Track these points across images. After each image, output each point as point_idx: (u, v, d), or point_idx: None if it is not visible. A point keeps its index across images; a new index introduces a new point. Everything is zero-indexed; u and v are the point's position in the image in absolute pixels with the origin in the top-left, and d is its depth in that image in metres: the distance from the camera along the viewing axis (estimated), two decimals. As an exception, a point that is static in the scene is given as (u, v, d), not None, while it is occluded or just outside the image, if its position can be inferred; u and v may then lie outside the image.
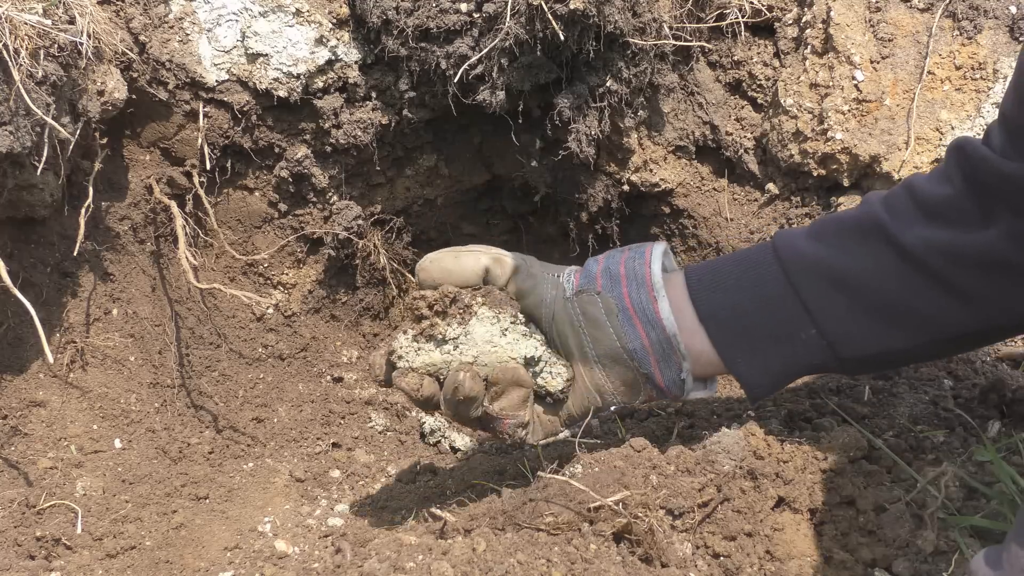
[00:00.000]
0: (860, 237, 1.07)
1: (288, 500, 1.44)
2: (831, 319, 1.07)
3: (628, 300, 1.11)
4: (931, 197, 1.06)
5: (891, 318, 1.06)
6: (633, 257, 1.15)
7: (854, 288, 1.06)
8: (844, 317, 1.07)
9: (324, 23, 1.55)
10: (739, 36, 1.69)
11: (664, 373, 1.11)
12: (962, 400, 1.32)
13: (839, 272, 1.07)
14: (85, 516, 1.31)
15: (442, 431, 1.64)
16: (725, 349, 1.10)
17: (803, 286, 1.08)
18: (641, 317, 1.11)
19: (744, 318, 1.10)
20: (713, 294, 1.11)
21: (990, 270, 1.02)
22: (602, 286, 1.12)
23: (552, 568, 0.95)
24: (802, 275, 1.08)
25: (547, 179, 1.77)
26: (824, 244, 1.09)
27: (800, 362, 1.10)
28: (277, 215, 1.70)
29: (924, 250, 1.03)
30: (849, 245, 1.08)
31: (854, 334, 1.07)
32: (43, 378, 1.45)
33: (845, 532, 1.03)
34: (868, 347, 1.07)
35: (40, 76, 1.28)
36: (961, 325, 1.05)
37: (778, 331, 1.09)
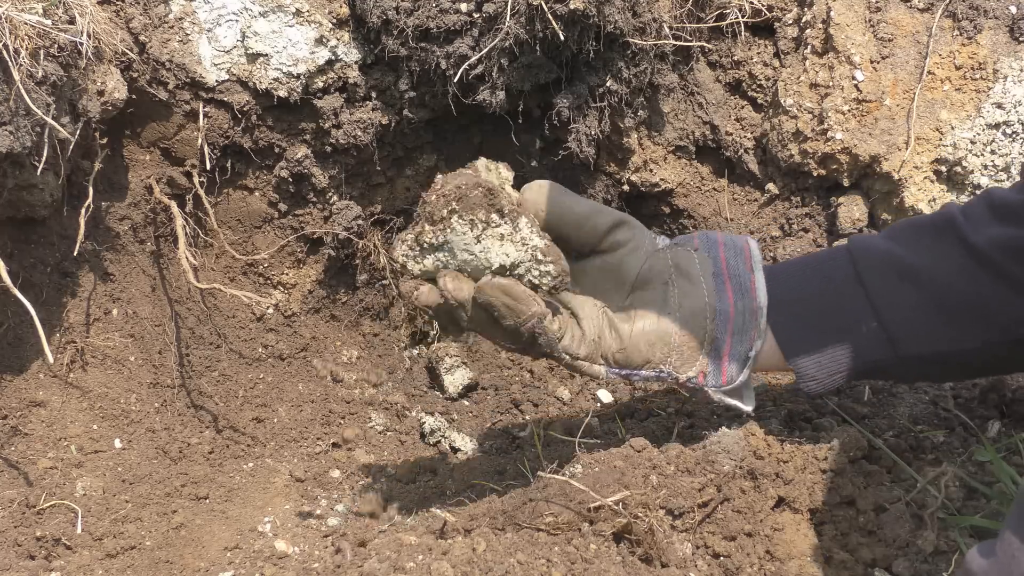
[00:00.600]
0: (933, 235, 1.08)
1: (288, 500, 1.44)
2: (895, 312, 1.06)
3: (725, 264, 1.11)
4: (1008, 201, 1.06)
5: (957, 315, 1.05)
6: (730, 236, 1.16)
7: (920, 283, 1.06)
8: (908, 312, 1.06)
9: (324, 23, 1.55)
10: (739, 36, 1.69)
11: (734, 346, 1.09)
12: (962, 400, 1.32)
13: (906, 266, 1.07)
14: (85, 516, 1.31)
15: (442, 431, 1.64)
16: (784, 336, 1.10)
17: (869, 278, 1.07)
18: (734, 283, 1.10)
19: (806, 305, 1.09)
20: (778, 283, 1.11)
21: None
22: (699, 244, 1.13)
23: (552, 568, 0.95)
24: (869, 267, 1.08)
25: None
26: (895, 241, 1.10)
27: (859, 357, 1.08)
28: (277, 215, 1.70)
29: (991, 247, 1.03)
30: (921, 242, 1.08)
31: (917, 329, 1.06)
32: (43, 378, 1.45)
33: (845, 532, 1.03)
34: (930, 344, 1.06)
35: (40, 76, 1.28)
36: None
37: (839, 322, 1.08)
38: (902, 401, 1.31)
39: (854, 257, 1.10)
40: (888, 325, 1.06)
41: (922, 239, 1.09)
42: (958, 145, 1.54)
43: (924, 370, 1.13)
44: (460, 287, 1.04)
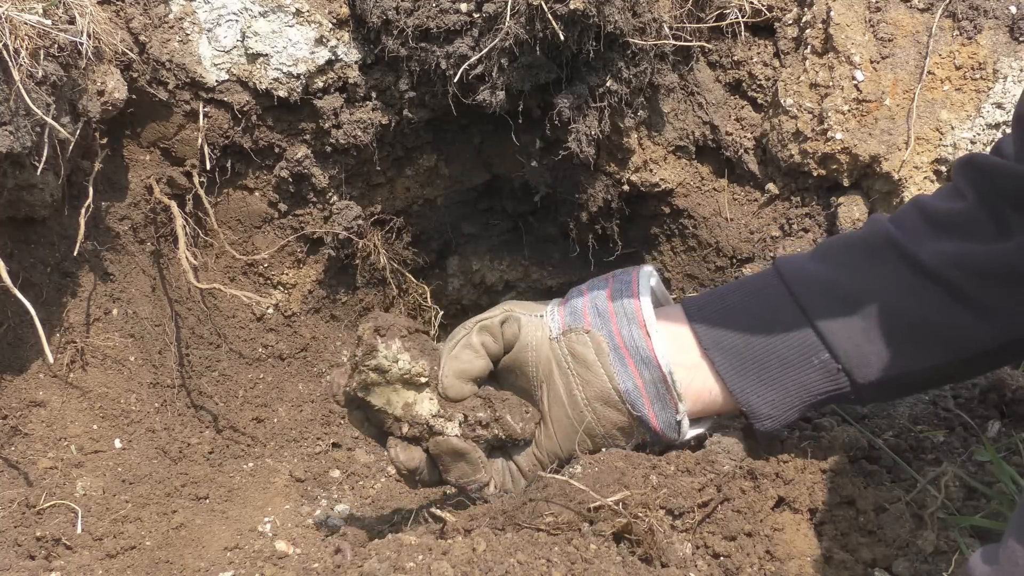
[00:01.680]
0: (870, 255, 1.04)
1: (288, 500, 1.44)
2: (844, 342, 1.02)
3: (619, 338, 1.05)
4: (942, 212, 1.03)
5: (909, 337, 1.01)
6: (620, 290, 1.09)
7: (868, 307, 1.01)
8: (859, 339, 1.02)
9: (324, 23, 1.55)
10: (739, 36, 1.69)
11: (659, 415, 1.07)
12: (962, 400, 1.32)
13: (851, 292, 1.02)
14: (85, 516, 1.31)
15: (442, 431, 1.64)
16: (735, 379, 1.05)
17: (813, 308, 1.03)
18: (634, 355, 1.05)
19: (753, 345, 1.04)
20: (716, 322, 1.06)
21: (1009, 282, 0.98)
22: (591, 323, 1.07)
23: (552, 568, 0.95)
24: (812, 297, 1.03)
25: (547, 179, 1.77)
26: (831, 264, 1.05)
27: (813, 390, 1.04)
28: (277, 215, 1.70)
29: (940, 263, 0.99)
30: (859, 264, 1.03)
31: (870, 356, 1.02)
32: (43, 378, 1.45)
33: (845, 532, 1.03)
34: (886, 370, 1.02)
35: (40, 76, 1.28)
36: (980, 342, 1.01)
37: (789, 357, 1.03)
38: (902, 401, 1.31)
39: (790, 286, 1.04)
40: (840, 356, 1.02)
41: (859, 261, 1.04)
42: (958, 145, 1.54)
43: (876, 395, 1.10)
44: (411, 456, 1.09)
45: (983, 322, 1.00)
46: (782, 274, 1.06)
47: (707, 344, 1.05)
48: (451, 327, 2.00)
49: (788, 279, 1.05)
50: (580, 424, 1.07)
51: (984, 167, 1.02)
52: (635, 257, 1.90)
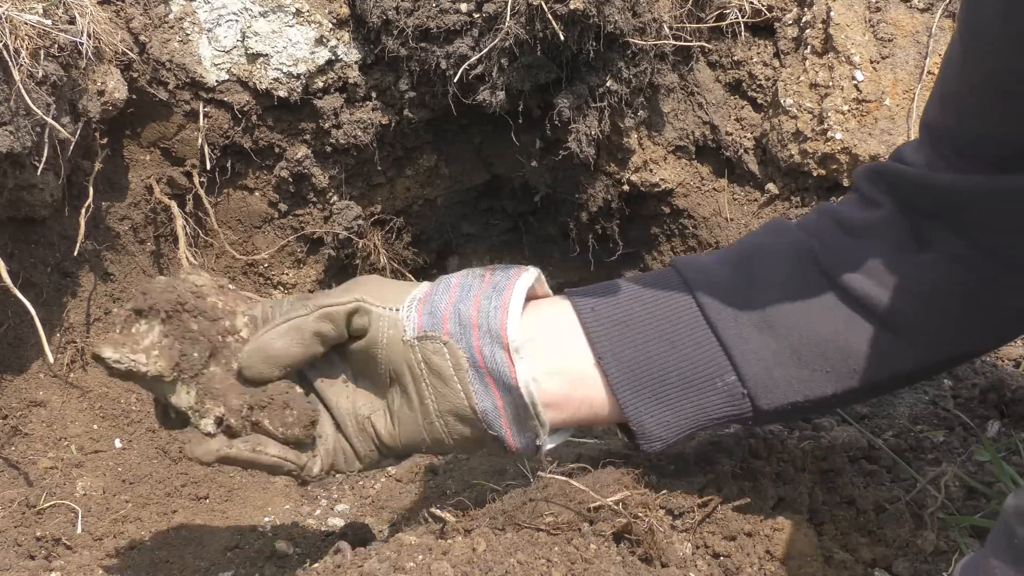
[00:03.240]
0: (787, 269, 0.95)
1: (288, 500, 1.44)
2: (755, 364, 0.92)
3: (480, 356, 0.93)
4: (858, 222, 0.95)
5: (823, 361, 0.93)
6: (490, 296, 0.96)
7: (782, 327, 0.92)
8: (770, 361, 0.93)
9: (324, 23, 1.55)
10: (739, 36, 1.69)
11: (517, 438, 0.97)
12: (962, 400, 1.32)
13: (765, 309, 0.93)
14: (85, 516, 1.31)
15: (442, 431, 1.64)
16: (629, 396, 0.94)
17: (722, 325, 0.93)
18: (496, 378, 0.94)
19: (653, 359, 0.94)
20: (613, 328, 0.95)
21: (931, 299, 0.91)
22: (449, 332, 0.94)
23: (552, 568, 0.95)
24: (721, 312, 0.93)
25: (547, 179, 1.77)
26: (744, 275, 0.95)
27: (712, 414, 0.95)
28: (277, 215, 1.70)
29: (863, 281, 0.92)
30: (775, 277, 0.94)
31: (779, 381, 0.93)
32: (43, 378, 1.45)
33: (845, 532, 1.03)
34: (792, 395, 0.93)
35: (40, 76, 1.28)
36: (901, 365, 0.93)
37: (692, 377, 0.94)
38: (902, 401, 1.31)
39: (699, 300, 0.94)
40: (747, 380, 0.93)
41: (774, 274, 0.94)
42: (958, 145, 1.54)
43: (774, 419, 1.01)
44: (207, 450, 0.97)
45: (905, 344, 0.92)
46: (687, 281, 0.96)
47: (602, 352, 0.94)
48: (451, 327, 2.00)
49: (694, 287, 0.95)
50: (428, 434, 0.97)
51: (896, 176, 0.94)
52: (635, 257, 1.90)
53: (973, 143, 0.90)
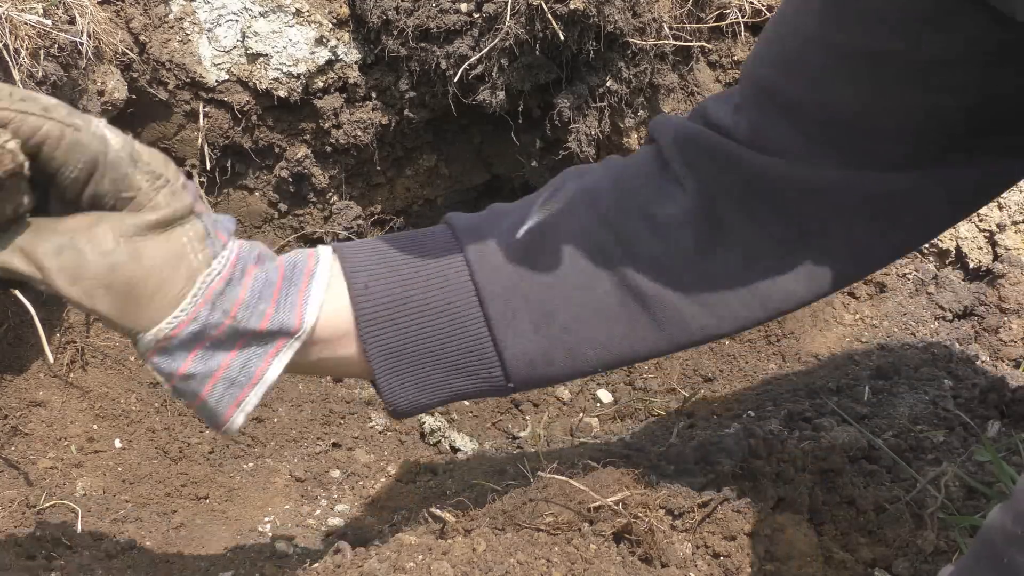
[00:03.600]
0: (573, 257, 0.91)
1: (288, 500, 1.44)
2: (520, 357, 0.90)
3: None
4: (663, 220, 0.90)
5: (583, 346, 0.91)
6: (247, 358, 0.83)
7: (559, 325, 0.90)
8: (538, 361, 0.90)
9: (324, 23, 1.55)
10: (739, 36, 1.69)
11: None
12: (962, 400, 1.32)
13: (548, 310, 0.89)
14: (85, 516, 1.31)
15: (442, 431, 1.64)
16: (387, 378, 0.90)
17: (499, 322, 0.89)
18: None
19: (420, 350, 0.89)
20: (383, 313, 0.88)
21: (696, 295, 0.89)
22: None
23: (552, 568, 0.95)
24: (499, 306, 0.89)
25: (547, 179, 1.77)
26: (528, 265, 0.90)
27: (466, 393, 0.94)
28: (277, 215, 1.70)
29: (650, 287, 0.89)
30: (564, 273, 0.90)
31: (537, 364, 0.91)
32: (43, 378, 1.45)
33: (845, 532, 1.03)
34: (545, 372, 0.92)
35: (40, 76, 1.28)
36: (654, 349, 0.92)
37: (458, 365, 0.90)
38: (902, 401, 1.31)
39: (480, 292, 0.89)
40: (511, 373, 0.90)
41: (566, 268, 0.90)
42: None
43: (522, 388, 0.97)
44: None
45: (658, 331, 0.90)
46: (470, 264, 0.90)
47: (366, 336, 0.88)
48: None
49: (474, 269, 0.89)
50: None
51: (712, 151, 0.89)
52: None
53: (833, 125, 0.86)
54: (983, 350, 1.53)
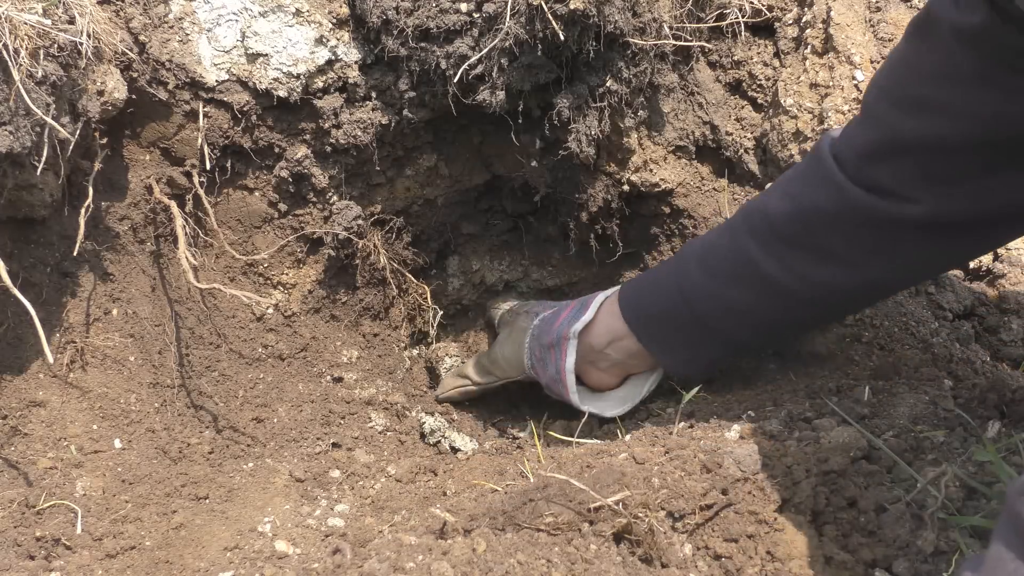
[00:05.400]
0: (739, 273, 1.31)
1: (288, 500, 1.44)
2: (727, 337, 1.38)
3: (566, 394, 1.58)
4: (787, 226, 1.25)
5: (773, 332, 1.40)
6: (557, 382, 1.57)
7: (742, 312, 1.33)
8: (742, 334, 1.37)
9: (324, 23, 1.55)
10: (739, 36, 1.69)
11: None
12: (962, 400, 1.31)
13: (729, 302, 1.33)
14: (85, 516, 1.31)
15: (442, 431, 1.64)
16: (659, 352, 1.46)
17: (705, 318, 1.37)
18: None
19: (670, 335, 1.42)
20: (639, 317, 1.46)
21: None
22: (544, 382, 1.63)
23: (552, 568, 0.95)
24: (703, 308, 1.36)
25: (547, 179, 1.77)
26: (710, 276, 1.35)
27: (718, 359, 1.45)
28: (277, 215, 1.70)
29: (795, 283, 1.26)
30: (732, 280, 1.32)
31: (750, 343, 1.42)
32: (43, 378, 1.45)
33: (846, 532, 1.03)
34: (761, 348, 1.53)
35: (40, 76, 1.28)
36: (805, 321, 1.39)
37: (692, 339, 1.40)
38: (902, 401, 1.31)
39: (686, 295, 1.37)
40: (729, 344, 1.39)
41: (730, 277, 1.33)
42: (958, 145, 1.54)
43: None
44: None
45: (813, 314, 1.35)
46: (683, 291, 1.39)
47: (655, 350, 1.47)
48: (451, 327, 2.00)
49: (685, 290, 1.38)
50: None
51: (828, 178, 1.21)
52: (635, 257, 1.90)
53: None
54: (983, 350, 1.53)
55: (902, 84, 1.11)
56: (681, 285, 1.38)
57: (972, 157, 1.09)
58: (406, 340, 1.90)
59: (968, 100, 1.05)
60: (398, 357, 1.86)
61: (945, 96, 1.06)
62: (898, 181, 1.14)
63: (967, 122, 1.06)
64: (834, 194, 1.19)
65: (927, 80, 1.08)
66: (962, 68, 1.04)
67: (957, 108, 1.06)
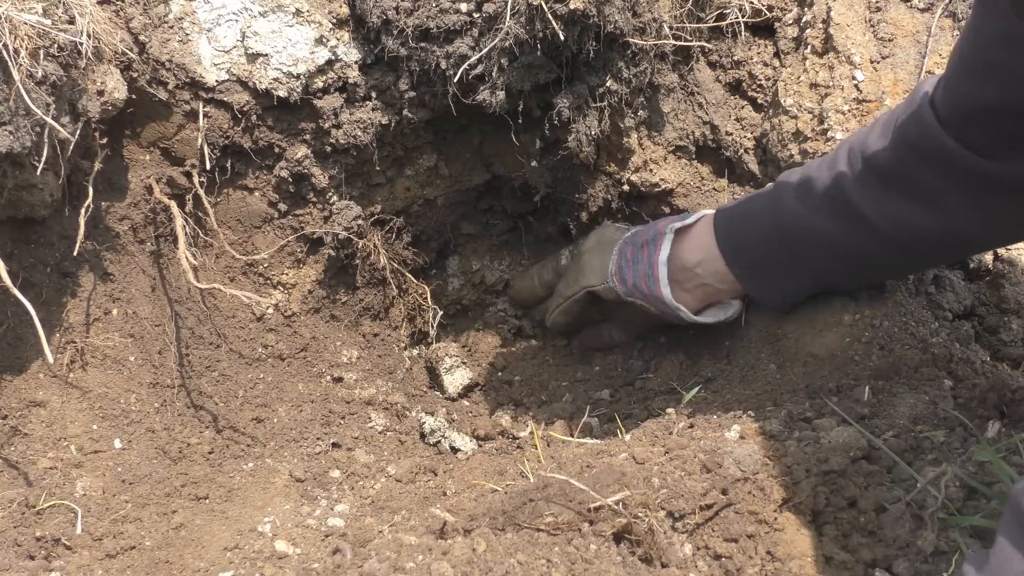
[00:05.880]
0: (833, 205, 1.36)
1: (288, 500, 1.44)
2: (813, 269, 1.44)
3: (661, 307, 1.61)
4: (883, 164, 1.29)
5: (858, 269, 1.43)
6: (648, 275, 1.58)
7: (830, 244, 1.38)
8: (827, 267, 1.42)
9: (324, 23, 1.55)
10: (739, 36, 1.69)
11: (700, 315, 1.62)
12: (962, 400, 1.31)
13: (819, 233, 1.38)
14: (85, 516, 1.31)
15: (442, 431, 1.64)
16: (744, 278, 1.51)
17: (794, 246, 1.42)
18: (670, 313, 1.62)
19: (758, 261, 1.48)
20: (730, 239, 1.50)
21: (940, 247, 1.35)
22: (638, 297, 1.63)
23: (552, 568, 0.95)
24: (794, 236, 1.41)
25: (547, 179, 1.77)
26: (805, 206, 1.39)
27: (801, 291, 1.49)
28: (277, 215, 1.70)
29: (884, 222, 1.32)
30: (824, 211, 1.37)
31: (834, 278, 1.46)
32: (43, 378, 1.45)
33: (846, 532, 1.03)
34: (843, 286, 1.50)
35: (40, 76, 1.28)
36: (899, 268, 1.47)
37: (779, 267, 1.46)
38: (902, 401, 1.31)
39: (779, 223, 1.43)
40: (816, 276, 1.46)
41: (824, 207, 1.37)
42: (958, 145, 1.54)
43: None
44: None
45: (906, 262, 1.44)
46: (776, 215, 1.43)
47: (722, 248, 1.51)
48: (451, 327, 2.00)
49: (779, 219, 1.42)
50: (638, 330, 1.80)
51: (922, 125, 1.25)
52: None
53: None
54: (983, 350, 1.53)
55: (976, 50, 1.16)
56: (776, 212, 1.42)
57: None
58: (406, 340, 1.90)
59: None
60: (398, 357, 1.86)
61: (1012, 61, 1.10)
62: (986, 141, 1.20)
63: None
64: (930, 143, 1.24)
65: (994, 46, 1.12)
66: (1021, 34, 1.08)
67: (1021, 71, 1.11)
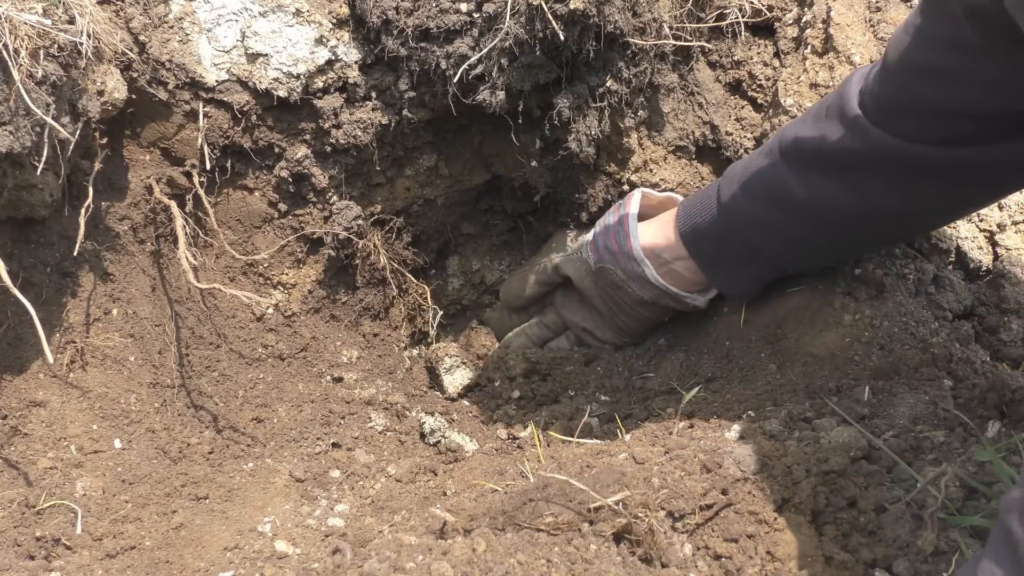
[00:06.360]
0: (772, 192, 1.43)
1: (288, 500, 1.44)
2: (768, 255, 1.50)
3: (630, 272, 1.64)
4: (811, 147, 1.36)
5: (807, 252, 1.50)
6: (618, 231, 1.63)
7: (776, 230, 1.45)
8: (776, 251, 1.49)
9: (324, 23, 1.55)
10: (739, 36, 1.69)
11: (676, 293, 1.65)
12: (962, 400, 1.31)
13: (763, 219, 1.45)
14: (85, 516, 1.31)
15: (442, 431, 1.64)
16: (705, 268, 1.57)
17: (747, 236, 1.49)
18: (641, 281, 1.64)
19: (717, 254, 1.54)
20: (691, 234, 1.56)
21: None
22: (608, 262, 1.65)
23: (552, 568, 0.95)
24: (742, 221, 1.48)
25: (547, 179, 1.77)
26: (748, 195, 1.46)
27: (756, 278, 1.56)
28: (277, 215, 1.70)
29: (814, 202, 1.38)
30: (766, 200, 1.44)
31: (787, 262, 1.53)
32: (43, 378, 1.45)
33: (846, 533, 1.03)
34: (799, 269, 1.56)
35: (40, 76, 1.28)
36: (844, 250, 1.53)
37: (743, 258, 1.52)
38: (902, 401, 1.31)
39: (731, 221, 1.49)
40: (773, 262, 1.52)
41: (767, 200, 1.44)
42: (958, 145, 1.54)
43: None
44: None
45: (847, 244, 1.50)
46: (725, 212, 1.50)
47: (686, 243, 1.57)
48: (451, 327, 2.00)
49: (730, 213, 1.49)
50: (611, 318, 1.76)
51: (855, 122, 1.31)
52: (635, 257, 1.90)
53: None
54: (983, 350, 1.53)
55: (921, 51, 1.22)
56: (723, 202, 1.49)
57: (983, 121, 1.22)
58: (406, 340, 1.90)
59: (974, 68, 1.17)
60: (398, 357, 1.86)
61: (959, 65, 1.18)
62: (919, 133, 1.27)
63: (975, 89, 1.19)
64: (858, 134, 1.31)
65: (941, 49, 1.19)
66: (969, 39, 1.14)
67: (966, 76, 1.18)
